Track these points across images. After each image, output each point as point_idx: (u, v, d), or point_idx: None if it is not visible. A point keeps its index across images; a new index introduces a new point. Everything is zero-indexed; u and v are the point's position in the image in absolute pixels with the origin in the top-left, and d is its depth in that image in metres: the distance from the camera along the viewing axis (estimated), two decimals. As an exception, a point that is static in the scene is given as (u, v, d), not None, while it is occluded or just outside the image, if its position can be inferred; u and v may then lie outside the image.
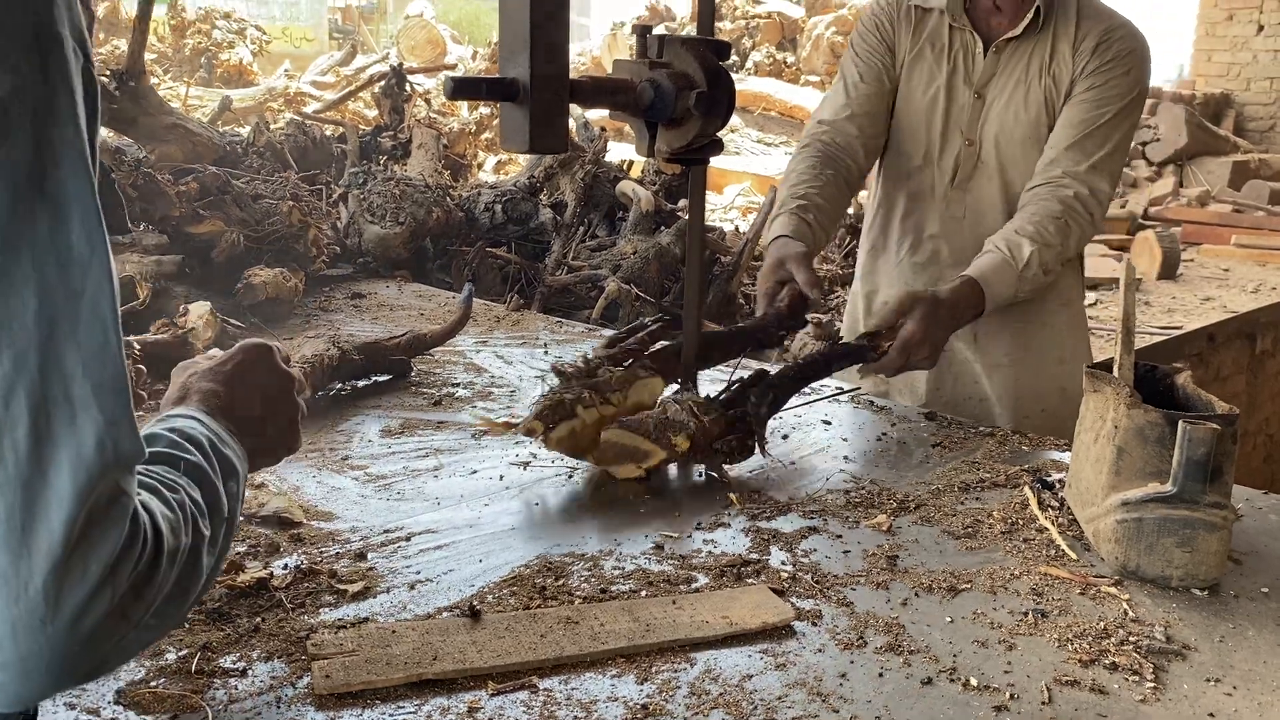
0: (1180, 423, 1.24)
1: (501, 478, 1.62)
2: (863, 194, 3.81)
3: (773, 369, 1.83)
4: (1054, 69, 2.06)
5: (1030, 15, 2.04)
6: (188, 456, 0.91)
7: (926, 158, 2.15)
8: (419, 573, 1.29)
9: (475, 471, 1.64)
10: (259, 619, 1.16)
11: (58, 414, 0.70)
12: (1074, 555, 1.36)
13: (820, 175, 2.08)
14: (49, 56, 0.71)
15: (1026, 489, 1.55)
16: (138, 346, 1.91)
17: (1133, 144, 9.23)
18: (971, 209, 2.13)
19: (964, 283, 1.90)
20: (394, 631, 1.12)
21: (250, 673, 1.06)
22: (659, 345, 1.82)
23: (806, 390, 2.08)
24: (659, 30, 1.60)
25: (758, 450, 1.64)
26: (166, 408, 1.05)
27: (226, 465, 0.96)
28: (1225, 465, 1.25)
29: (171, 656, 1.08)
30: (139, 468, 0.86)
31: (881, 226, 2.28)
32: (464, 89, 1.34)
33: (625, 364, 1.73)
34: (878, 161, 2.26)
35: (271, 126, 4.42)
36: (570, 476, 1.63)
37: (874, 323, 1.80)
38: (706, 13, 1.65)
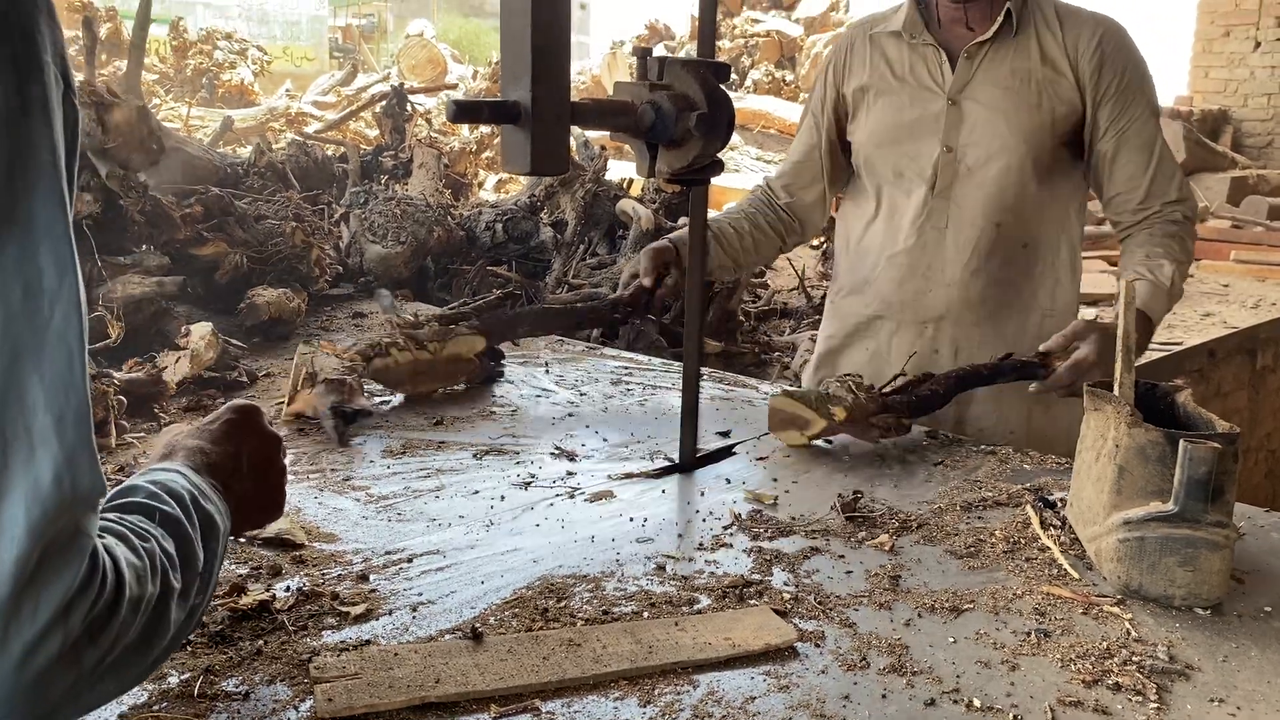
0: (1181, 442, 1.24)
1: (503, 498, 1.62)
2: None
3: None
4: (1048, 74, 2.04)
5: (1000, 19, 2.03)
6: (164, 507, 0.89)
7: (897, 173, 2.15)
8: (421, 594, 1.29)
9: (477, 492, 1.65)
10: (261, 642, 1.16)
11: (15, 446, 0.68)
12: (1076, 574, 1.36)
13: (742, 212, 2.30)
14: (28, 83, 0.70)
15: (1028, 508, 1.55)
16: (117, 378, 1.90)
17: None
18: (955, 218, 2.11)
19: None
20: (396, 654, 1.12)
21: (252, 696, 1.06)
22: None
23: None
24: (659, 52, 1.61)
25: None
26: (151, 464, 1.04)
27: (207, 520, 0.94)
28: (1227, 484, 1.25)
29: (174, 680, 1.08)
30: (110, 515, 0.84)
31: (851, 244, 2.28)
32: (466, 112, 1.35)
33: (454, 323, 2.16)
34: (838, 193, 2.34)
35: (274, 147, 4.44)
36: (571, 497, 1.63)
37: (1046, 346, 1.87)
38: (707, 34, 1.66)
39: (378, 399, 2.10)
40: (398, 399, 2.11)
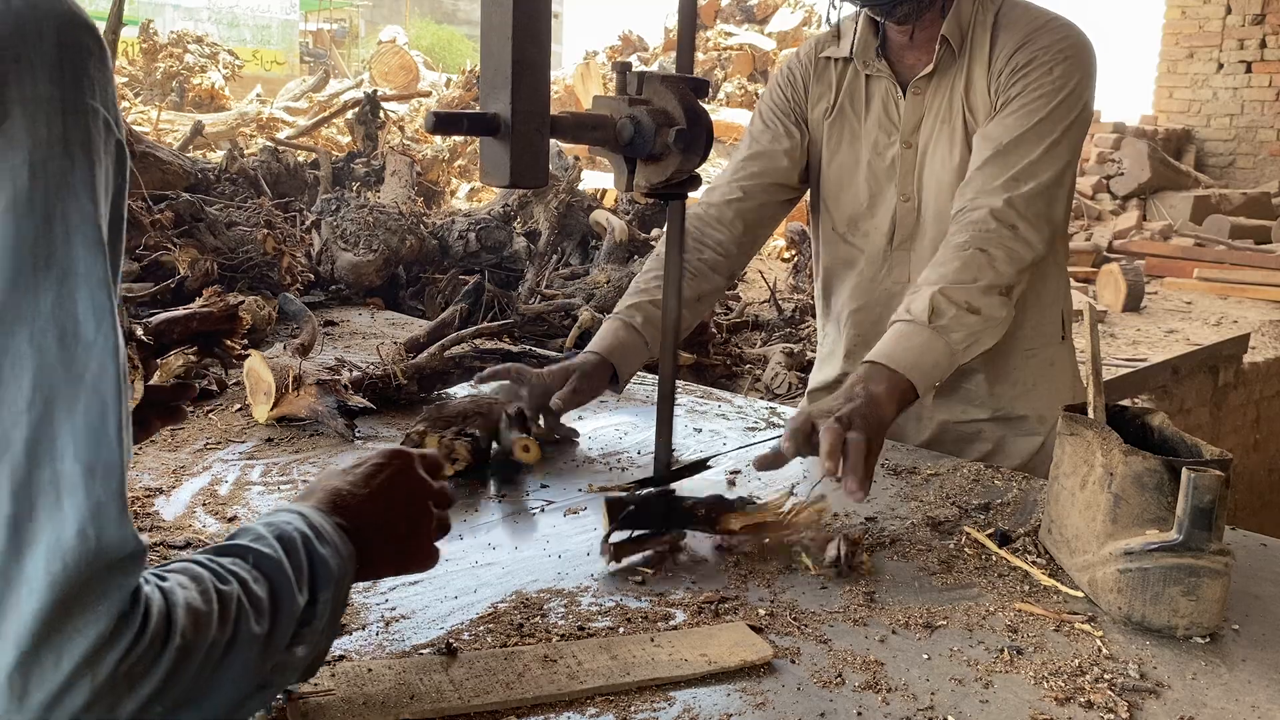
0: (1184, 471, 1.22)
1: (476, 510, 1.61)
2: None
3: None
4: (970, 99, 1.86)
5: (940, 48, 1.87)
6: (261, 549, 0.86)
7: (852, 223, 2.02)
8: (394, 609, 1.28)
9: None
10: (232, 657, 1.14)
11: (42, 498, 0.67)
12: (1051, 584, 1.37)
13: (694, 275, 1.99)
14: (73, 127, 0.70)
15: (982, 537, 1.53)
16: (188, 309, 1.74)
17: (1100, 176, 9.41)
18: (916, 268, 1.95)
19: (864, 371, 1.59)
20: (370, 670, 1.11)
21: (223, 713, 1.04)
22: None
23: (779, 421, 2.09)
24: (637, 66, 1.61)
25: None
26: (288, 502, 1.01)
27: (319, 563, 0.91)
28: (1220, 510, 1.24)
29: (142, 696, 1.06)
30: (203, 555, 0.82)
31: (822, 293, 2.18)
32: (445, 124, 1.34)
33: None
34: (813, 224, 2.17)
35: (245, 152, 4.41)
36: (543, 510, 1.63)
37: (775, 452, 1.51)
38: (686, 49, 1.67)
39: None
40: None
